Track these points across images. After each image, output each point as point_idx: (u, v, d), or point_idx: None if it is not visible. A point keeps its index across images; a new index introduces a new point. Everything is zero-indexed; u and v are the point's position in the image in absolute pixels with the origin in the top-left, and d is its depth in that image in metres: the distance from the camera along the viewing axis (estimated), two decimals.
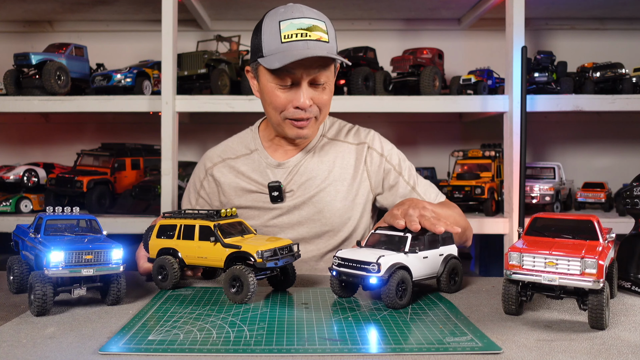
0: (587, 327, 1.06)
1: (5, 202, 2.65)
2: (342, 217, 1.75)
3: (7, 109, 2.63)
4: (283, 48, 1.52)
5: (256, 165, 1.77)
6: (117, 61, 3.05)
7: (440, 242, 1.32)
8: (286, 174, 1.75)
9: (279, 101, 1.61)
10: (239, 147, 1.83)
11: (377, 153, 1.80)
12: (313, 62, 1.54)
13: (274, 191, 1.72)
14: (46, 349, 0.93)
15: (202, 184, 1.83)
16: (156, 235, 1.38)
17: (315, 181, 1.74)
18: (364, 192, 1.79)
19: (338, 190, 1.75)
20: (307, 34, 1.52)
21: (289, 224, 1.74)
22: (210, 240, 1.27)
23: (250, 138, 1.84)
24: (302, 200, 1.73)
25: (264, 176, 1.75)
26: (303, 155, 1.77)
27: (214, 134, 1.95)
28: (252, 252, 1.22)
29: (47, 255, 1.10)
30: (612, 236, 1.18)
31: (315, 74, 1.57)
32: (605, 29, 3.34)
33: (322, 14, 1.61)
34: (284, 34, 1.53)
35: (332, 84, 1.66)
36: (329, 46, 1.56)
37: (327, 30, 1.56)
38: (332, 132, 1.84)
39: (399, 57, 2.82)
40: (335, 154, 1.79)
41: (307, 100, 1.58)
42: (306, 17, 1.54)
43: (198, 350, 0.92)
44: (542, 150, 3.38)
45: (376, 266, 1.16)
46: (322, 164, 1.76)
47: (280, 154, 1.78)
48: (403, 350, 0.93)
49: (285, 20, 1.54)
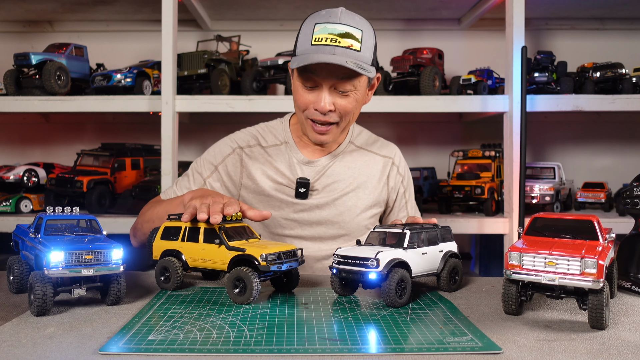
0: (587, 327, 1.06)
1: (5, 202, 2.65)
2: (360, 223, 1.78)
3: (7, 109, 2.63)
4: (311, 50, 1.52)
5: (286, 158, 1.77)
6: (117, 61, 3.05)
7: (440, 238, 1.32)
8: (314, 173, 1.76)
9: (302, 100, 1.62)
10: (269, 135, 1.82)
11: (398, 173, 1.86)
12: (338, 69, 1.52)
13: (301, 187, 1.72)
14: (46, 349, 0.93)
15: (224, 160, 1.78)
16: (160, 237, 1.38)
17: (340, 185, 1.76)
18: (381, 203, 1.84)
19: (360, 197, 1.77)
20: (337, 39, 1.51)
21: (308, 221, 1.75)
22: (215, 243, 1.27)
23: (281, 129, 1.82)
24: (325, 202, 1.74)
25: (293, 171, 1.75)
26: (331, 158, 1.78)
27: (214, 134, 1.94)
28: (256, 255, 1.22)
29: (47, 255, 1.10)
30: (612, 236, 1.18)
31: (338, 80, 1.55)
32: (605, 29, 3.34)
33: (364, 22, 1.57)
34: (315, 37, 1.52)
35: (362, 93, 1.63)
36: (359, 55, 1.53)
37: (361, 40, 1.53)
38: (361, 140, 1.86)
39: (399, 57, 2.82)
40: (362, 162, 1.81)
41: (328, 105, 1.57)
42: (341, 24, 1.52)
43: (198, 350, 0.92)
44: (542, 150, 3.38)
45: (375, 262, 1.16)
46: (348, 170, 1.78)
47: (308, 152, 1.79)
48: (403, 350, 0.93)
49: (321, 23, 1.53)
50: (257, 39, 3.16)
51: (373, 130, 1.93)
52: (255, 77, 2.72)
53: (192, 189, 1.75)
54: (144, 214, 1.74)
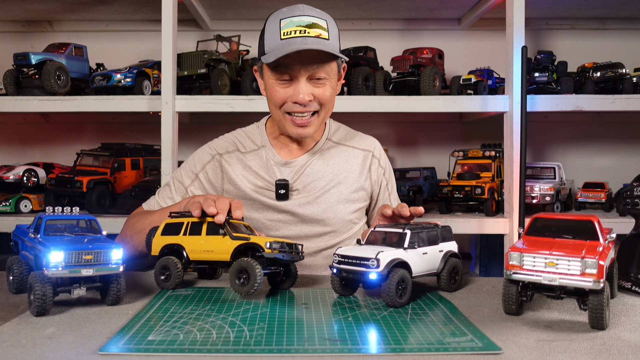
0: (587, 327, 1.06)
1: (5, 202, 2.65)
2: (344, 219, 1.79)
3: (7, 109, 2.63)
4: (282, 44, 1.55)
5: (264, 161, 1.78)
6: (117, 61, 3.05)
7: (440, 238, 1.32)
8: (292, 173, 1.76)
9: (278, 96, 1.63)
10: (247, 141, 1.83)
11: (380, 166, 1.87)
12: (311, 57, 1.55)
13: (280, 189, 1.73)
14: (46, 349, 0.93)
15: (204, 168, 1.80)
16: (161, 233, 1.38)
17: (320, 183, 1.77)
18: (365, 197, 1.84)
19: (342, 193, 1.78)
20: (305, 30, 1.55)
21: (292, 221, 1.76)
22: (220, 233, 1.29)
23: (258, 134, 1.84)
24: (306, 201, 1.75)
25: (271, 173, 1.76)
26: (309, 157, 1.79)
27: (214, 134, 1.94)
28: (261, 243, 1.24)
29: (47, 255, 1.10)
30: (612, 236, 1.18)
31: (314, 69, 1.58)
32: (605, 29, 3.34)
33: (325, 14, 1.62)
34: (283, 31, 1.56)
35: (334, 81, 1.67)
36: (329, 43, 1.57)
37: (327, 28, 1.58)
38: (338, 136, 1.87)
39: (399, 57, 2.82)
40: (340, 158, 1.82)
41: (306, 96, 1.59)
42: (306, 15, 1.57)
43: (198, 350, 0.92)
44: (542, 150, 3.38)
45: (375, 262, 1.16)
46: (327, 167, 1.79)
47: (286, 153, 1.79)
48: (403, 351, 0.93)
49: (286, 18, 1.57)
50: (257, 39, 3.15)
51: (373, 131, 1.93)
52: (255, 77, 2.71)
53: (175, 198, 1.77)
54: (132, 226, 1.70)
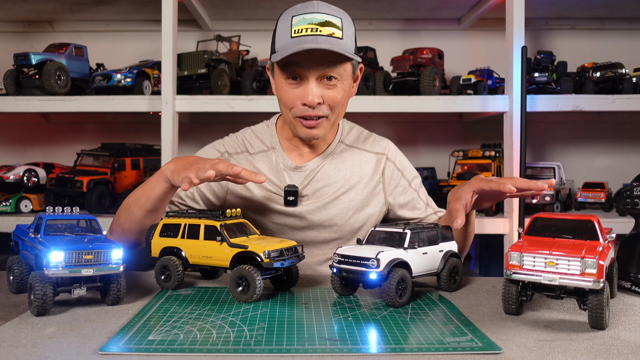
0: (587, 327, 1.06)
1: (5, 202, 2.65)
2: (353, 226, 1.72)
3: (7, 109, 2.63)
4: (292, 42, 1.47)
5: (273, 165, 1.71)
6: (117, 61, 3.05)
7: (440, 238, 1.32)
8: (302, 179, 1.70)
9: (287, 97, 1.55)
10: (256, 141, 1.76)
11: (396, 168, 1.79)
12: (322, 57, 1.47)
13: (289, 195, 1.66)
14: (46, 349, 0.93)
15: None
16: (159, 234, 1.38)
17: (331, 189, 1.70)
18: (378, 203, 1.76)
19: (352, 199, 1.71)
20: (318, 29, 1.46)
21: (299, 226, 1.70)
22: (217, 240, 1.27)
23: (267, 134, 1.76)
24: (315, 207, 1.69)
25: (281, 178, 1.69)
26: (320, 160, 1.72)
27: (214, 134, 1.93)
28: (259, 252, 1.22)
29: (47, 255, 1.10)
30: (612, 236, 1.18)
31: (324, 69, 1.50)
32: (605, 29, 3.34)
33: (342, 11, 1.54)
34: (295, 29, 1.47)
35: (347, 83, 1.58)
36: (342, 42, 1.49)
37: (342, 27, 1.50)
38: (351, 138, 1.79)
39: (399, 57, 2.82)
40: (352, 162, 1.74)
41: (315, 98, 1.51)
42: (320, 13, 1.48)
43: (198, 350, 0.92)
44: (542, 150, 3.38)
45: (375, 262, 1.16)
46: (339, 172, 1.72)
47: (296, 156, 1.73)
48: (403, 350, 0.93)
49: (298, 15, 1.49)
50: (257, 39, 3.15)
51: (373, 131, 1.88)
52: (255, 77, 2.72)
53: (179, 192, 1.70)
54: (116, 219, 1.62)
